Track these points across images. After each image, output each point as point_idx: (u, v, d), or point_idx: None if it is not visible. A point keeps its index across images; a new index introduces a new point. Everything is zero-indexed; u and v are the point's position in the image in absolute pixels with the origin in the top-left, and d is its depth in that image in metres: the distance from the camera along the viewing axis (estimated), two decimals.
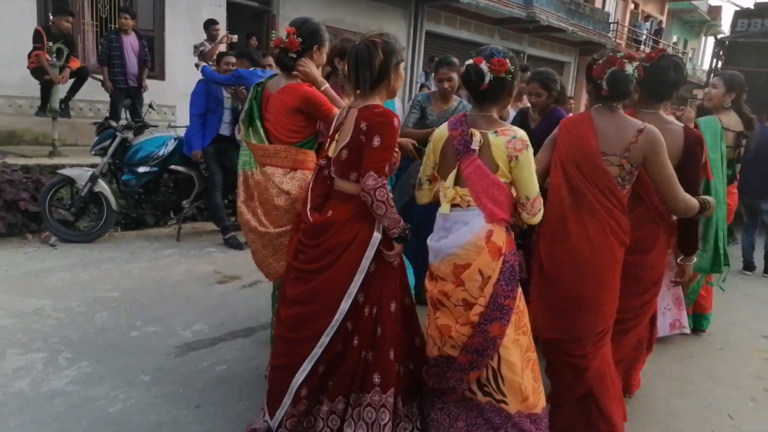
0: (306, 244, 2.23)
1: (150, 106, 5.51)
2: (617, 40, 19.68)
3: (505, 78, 2.10)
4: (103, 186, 5.06)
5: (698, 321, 4.09)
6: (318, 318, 2.17)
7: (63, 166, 5.47)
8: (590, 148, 2.31)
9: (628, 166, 2.32)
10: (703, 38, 31.83)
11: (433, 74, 4.62)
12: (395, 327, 2.22)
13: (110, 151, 5.10)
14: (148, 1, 8.51)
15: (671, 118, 2.65)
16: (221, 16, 8.74)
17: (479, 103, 2.19)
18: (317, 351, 2.17)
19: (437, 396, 2.25)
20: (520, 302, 2.15)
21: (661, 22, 24.27)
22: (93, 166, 5.38)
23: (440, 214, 2.20)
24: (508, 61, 2.10)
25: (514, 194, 2.15)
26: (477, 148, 2.08)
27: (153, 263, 4.72)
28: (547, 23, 15.06)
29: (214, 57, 6.81)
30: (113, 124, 5.34)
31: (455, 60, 3.85)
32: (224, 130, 5.36)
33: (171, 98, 8.36)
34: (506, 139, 2.07)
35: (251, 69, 5.15)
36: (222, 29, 7.90)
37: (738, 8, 9.27)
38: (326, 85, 2.73)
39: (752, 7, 9.11)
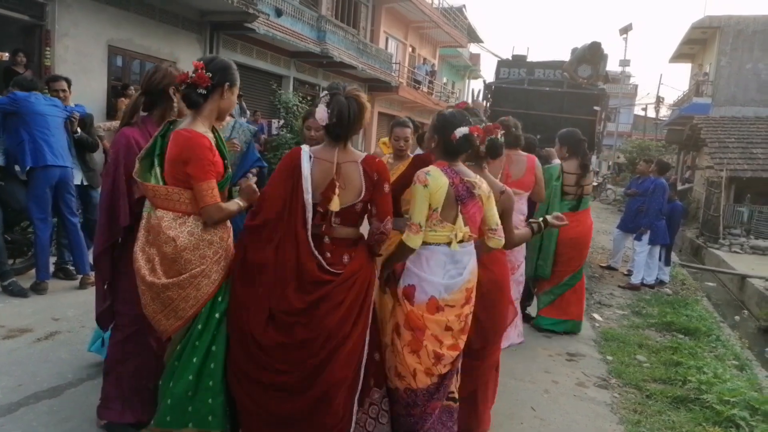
0: (334, 293, 2.30)
1: None
2: (400, 79, 21.56)
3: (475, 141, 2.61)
4: None
5: (568, 326, 5.03)
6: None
7: None
8: None
9: None
10: (467, 81, 36.57)
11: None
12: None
13: None
14: None
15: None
16: None
17: (453, 156, 2.59)
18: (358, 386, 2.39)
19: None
20: None
21: (434, 65, 27.31)
22: None
23: (447, 252, 2.53)
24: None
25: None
26: (481, 194, 2.56)
27: None
28: (339, 59, 15.88)
29: None
30: None
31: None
32: None
33: None
34: (486, 185, 2.62)
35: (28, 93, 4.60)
36: None
37: (498, 58, 11.01)
38: None
39: (510, 59, 10.92)
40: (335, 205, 2.29)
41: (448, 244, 2.52)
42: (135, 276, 2.38)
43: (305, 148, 2.40)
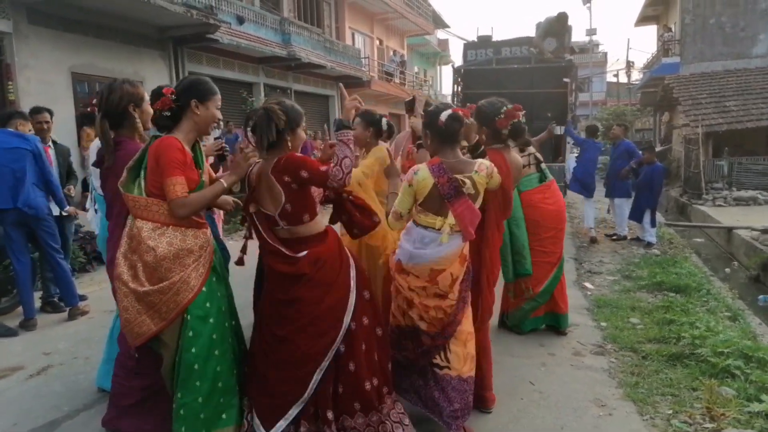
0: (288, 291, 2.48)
1: None
2: (371, 73, 21.50)
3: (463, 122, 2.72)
4: None
5: (554, 320, 4.37)
6: (315, 344, 2.44)
7: None
8: (510, 180, 3.08)
9: None
10: (438, 67, 36.57)
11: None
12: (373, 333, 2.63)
13: None
14: None
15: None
16: None
17: (450, 141, 2.71)
18: (317, 376, 2.43)
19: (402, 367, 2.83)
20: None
21: (403, 55, 27.26)
22: None
23: (419, 229, 2.70)
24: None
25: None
26: (475, 187, 2.65)
27: None
28: (307, 60, 15.80)
29: None
30: None
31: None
32: None
33: None
34: (484, 174, 2.69)
35: None
36: None
37: (465, 41, 10.89)
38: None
39: (476, 40, 10.91)
40: (252, 209, 2.50)
41: (426, 227, 2.71)
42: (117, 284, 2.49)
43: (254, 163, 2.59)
